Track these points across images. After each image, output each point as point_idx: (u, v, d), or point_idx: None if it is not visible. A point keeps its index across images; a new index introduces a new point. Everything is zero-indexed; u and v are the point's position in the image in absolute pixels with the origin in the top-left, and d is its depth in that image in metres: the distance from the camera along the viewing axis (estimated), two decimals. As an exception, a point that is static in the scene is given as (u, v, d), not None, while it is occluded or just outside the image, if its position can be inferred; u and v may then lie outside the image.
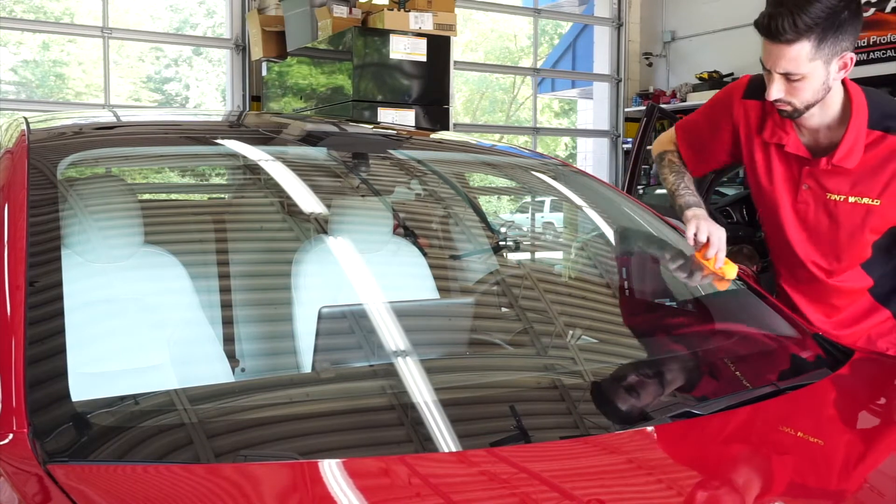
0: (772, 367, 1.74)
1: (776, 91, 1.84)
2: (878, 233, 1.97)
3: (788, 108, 1.88)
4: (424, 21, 5.71)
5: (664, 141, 2.27)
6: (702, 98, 8.30)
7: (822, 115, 1.93)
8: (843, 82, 1.92)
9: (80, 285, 1.57)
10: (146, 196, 2.24)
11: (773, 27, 1.77)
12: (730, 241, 1.98)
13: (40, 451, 1.10)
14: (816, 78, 1.82)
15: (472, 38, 20.14)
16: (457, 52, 7.67)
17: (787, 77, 1.82)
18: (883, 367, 1.85)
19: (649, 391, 1.57)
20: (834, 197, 1.95)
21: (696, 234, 1.91)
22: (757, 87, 2.00)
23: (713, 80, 8.28)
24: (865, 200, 1.93)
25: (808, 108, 1.88)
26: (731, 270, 1.91)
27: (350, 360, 1.61)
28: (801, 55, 1.78)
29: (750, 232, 4.51)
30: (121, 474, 1.11)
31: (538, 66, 10.17)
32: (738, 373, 1.69)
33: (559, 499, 1.12)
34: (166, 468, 1.13)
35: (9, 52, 15.87)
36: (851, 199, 1.94)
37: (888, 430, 1.51)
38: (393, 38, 5.53)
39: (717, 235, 1.91)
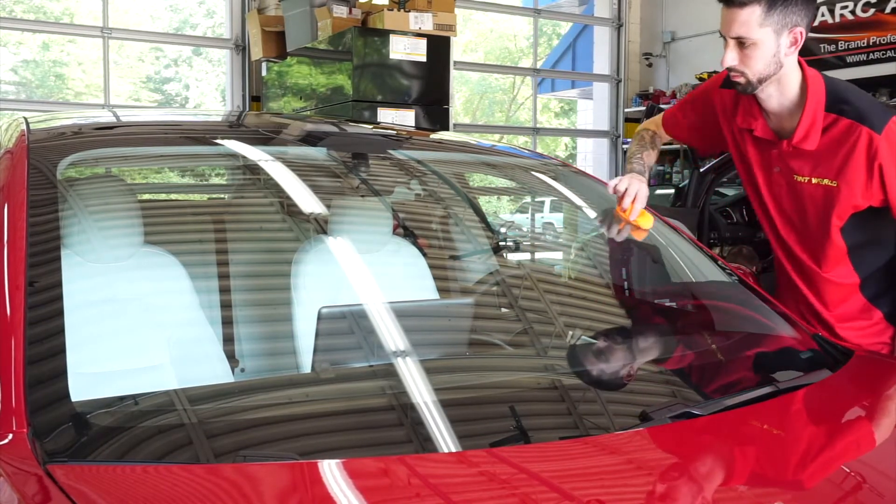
0: (772, 368, 1.74)
1: (730, 58, 1.98)
2: (841, 218, 2.06)
3: (742, 79, 2.01)
4: (424, 21, 5.71)
5: (648, 121, 2.46)
6: (772, 88, 8.26)
7: (781, 97, 2.05)
8: (801, 66, 2.04)
9: (80, 285, 1.57)
10: (146, 196, 2.24)
11: None
12: (730, 241, 2.01)
13: (40, 451, 1.10)
14: (767, 47, 1.95)
15: (472, 38, 20.14)
16: (456, 53, 7.67)
17: (741, 43, 1.96)
18: (883, 368, 1.85)
19: (649, 391, 1.57)
20: (799, 178, 2.08)
21: (616, 185, 2.04)
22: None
23: (713, 81, 8.27)
24: (825, 182, 2.04)
25: (760, 81, 2.00)
26: (647, 221, 2.02)
27: (350, 361, 1.61)
28: (752, 19, 1.93)
29: (750, 232, 4.51)
30: (120, 474, 1.11)
31: (538, 67, 10.17)
32: (737, 373, 1.69)
33: (559, 499, 1.12)
34: (166, 468, 1.13)
35: (9, 52, 15.87)
36: (814, 181, 2.06)
37: (888, 430, 1.51)
38: (393, 39, 5.53)
39: (636, 188, 2.03)
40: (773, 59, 1.98)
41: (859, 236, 2.08)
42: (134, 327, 1.64)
